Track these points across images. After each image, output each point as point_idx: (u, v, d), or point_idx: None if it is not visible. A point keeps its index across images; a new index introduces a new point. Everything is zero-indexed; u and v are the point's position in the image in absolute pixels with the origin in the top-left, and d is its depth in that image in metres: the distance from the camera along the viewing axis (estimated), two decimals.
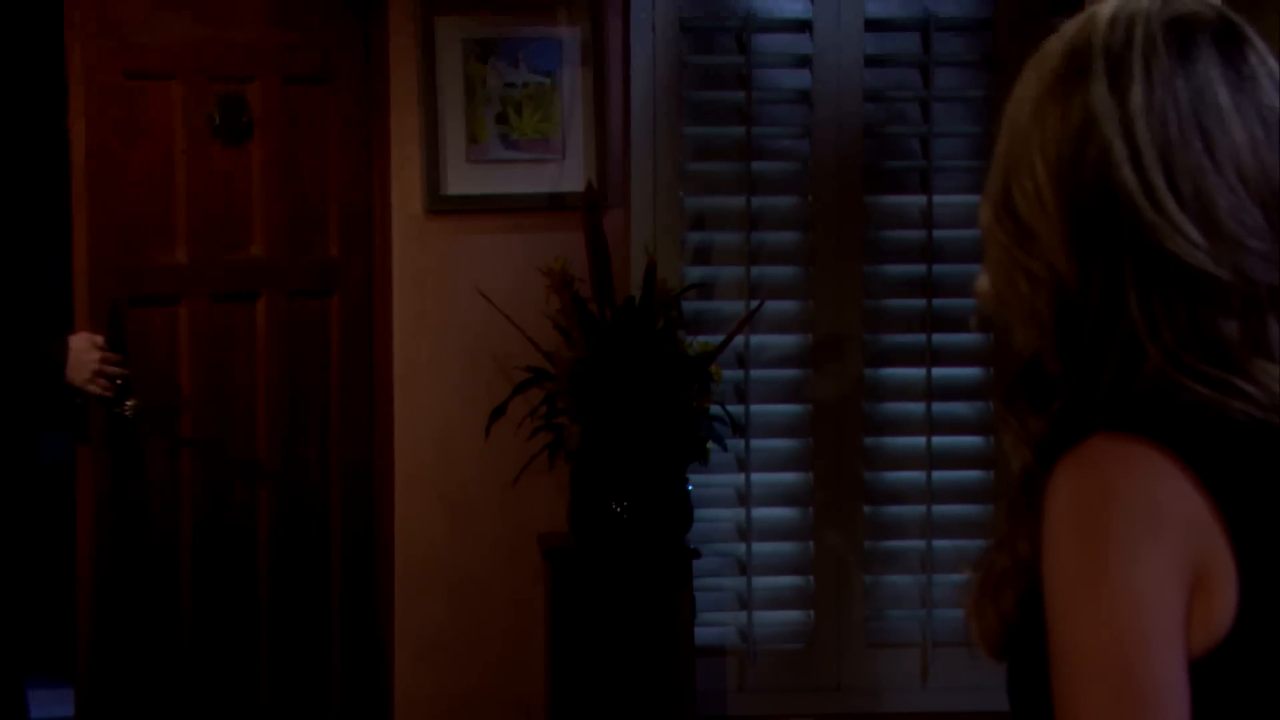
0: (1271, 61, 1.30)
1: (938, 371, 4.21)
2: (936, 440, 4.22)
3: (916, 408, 4.21)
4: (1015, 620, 1.28)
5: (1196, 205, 1.25)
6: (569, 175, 4.05)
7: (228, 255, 4.08)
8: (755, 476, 4.18)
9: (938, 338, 4.21)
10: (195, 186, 4.04)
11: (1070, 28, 1.32)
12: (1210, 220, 1.24)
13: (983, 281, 1.32)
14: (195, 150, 4.03)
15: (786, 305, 4.18)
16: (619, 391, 3.82)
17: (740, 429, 4.10)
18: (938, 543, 4.22)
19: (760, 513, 4.19)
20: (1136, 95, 1.26)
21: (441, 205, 4.09)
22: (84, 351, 3.74)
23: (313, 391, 4.16)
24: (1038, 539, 1.24)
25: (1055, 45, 1.32)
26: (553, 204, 4.08)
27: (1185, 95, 1.26)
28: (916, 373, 4.21)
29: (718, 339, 4.00)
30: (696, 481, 4.05)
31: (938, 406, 4.21)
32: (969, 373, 4.27)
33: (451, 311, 4.08)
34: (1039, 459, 1.27)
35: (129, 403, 3.79)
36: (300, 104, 4.11)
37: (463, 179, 4.06)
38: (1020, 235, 1.28)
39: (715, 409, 3.99)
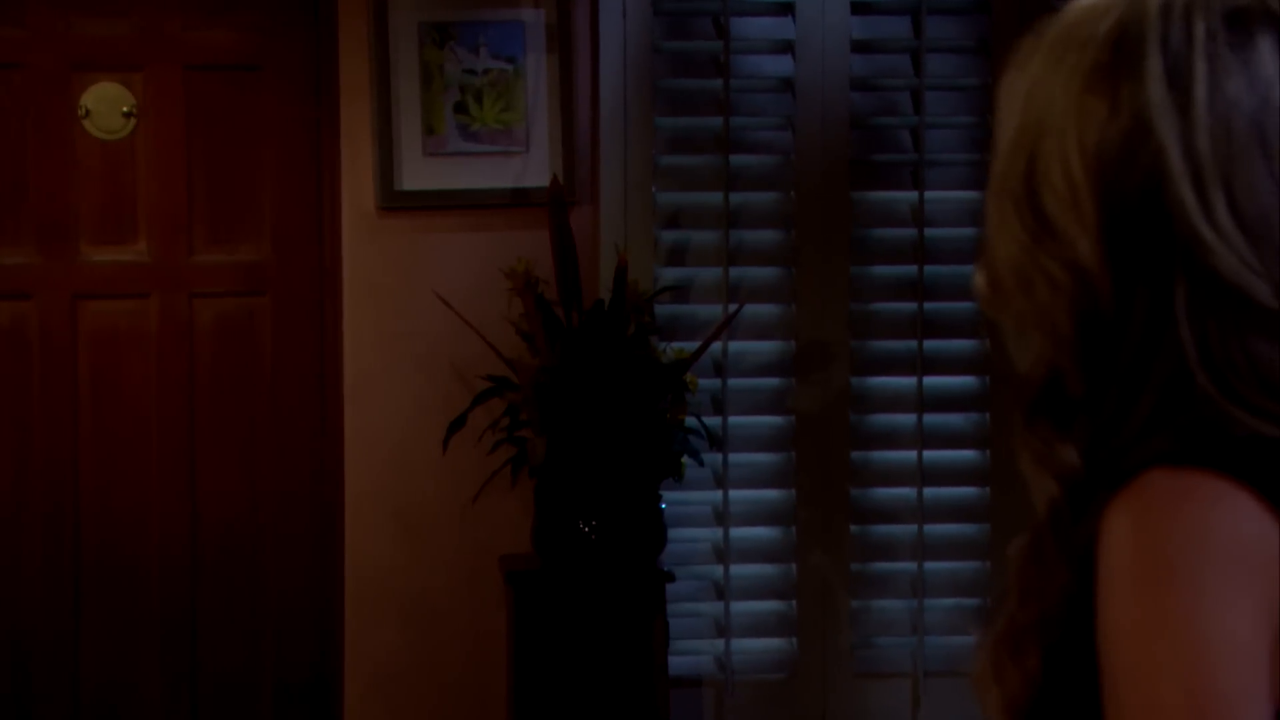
0: None
1: (930, 381, 4.16)
2: (928, 455, 4.16)
3: (907, 419, 4.16)
4: (1041, 683, 1.20)
5: (1260, 229, 1.17)
6: (533, 169, 4.00)
7: (96, 252, 4.08)
8: (734, 494, 4.13)
9: (930, 344, 4.15)
10: (45, 181, 4.05)
11: (1108, 8, 1.21)
12: (1273, 245, 1.17)
13: (982, 281, 1.25)
14: (53, 142, 4.04)
15: (767, 309, 4.13)
16: (587, 402, 3.78)
17: (717, 442, 4.06)
18: (930, 565, 4.17)
19: (739, 533, 4.14)
20: (1200, 101, 1.18)
21: (396, 202, 4.02)
22: None
23: (237, 401, 4.14)
24: (1069, 588, 1.18)
25: (1093, 28, 1.21)
26: (516, 200, 4.02)
27: (1250, 103, 1.18)
28: (907, 382, 4.16)
29: (694, 345, 3.95)
30: (670, 499, 4.01)
31: (930, 418, 4.15)
32: (964, 382, 4.22)
33: (406, 316, 4.04)
34: (1070, 495, 1.20)
35: None
36: (214, 93, 4.10)
37: (418, 173, 4.00)
38: (1043, 233, 1.21)
39: (691, 421, 3.96)
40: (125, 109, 4.08)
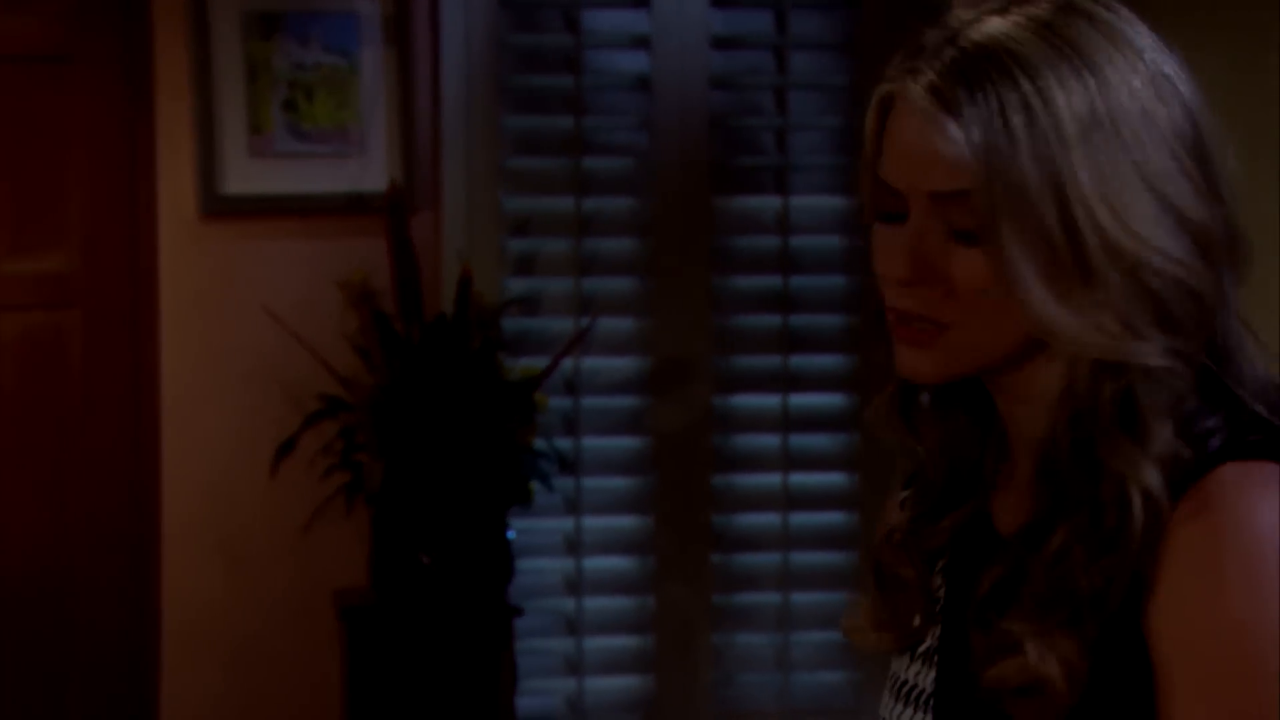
0: None
1: (795, 399, 4.13)
2: (794, 478, 4.14)
3: (772, 440, 4.14)
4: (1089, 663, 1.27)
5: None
6: (370, 172, 3.96)
7: None
8: (587, 521, 4.09)
9: (795, 360, 4.14)
10: None
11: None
12: None
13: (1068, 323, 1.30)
14: None
15: (623, 323, 4.11)
16: (428, 423, 3.74)
17: (569, 466, 4.04)
18: (796, 596, 4.15)
19: (592, 563, 4.10)
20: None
21: (219, 206, 3.96)
22: None
23: (41, 423, 4.04)
24: (1125, 575, 1.26)
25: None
26: (350, 206, 3.96)
27: None
28: (772, 400, 4.13)
29: (544, 362, 3.91)
30: (519, 527, 3.96)
31: (796, 439, 4.14)
32: (831, 400, 4.21)
33: (231, 331, 3.98)
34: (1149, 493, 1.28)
35: None
36: (15, 86, 4.01)
37: (244, 176, 3.95)
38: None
39: (540, 443, 3.92)
40: None
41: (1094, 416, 1.29)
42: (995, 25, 1.29)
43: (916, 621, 1.40)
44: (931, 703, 1.38)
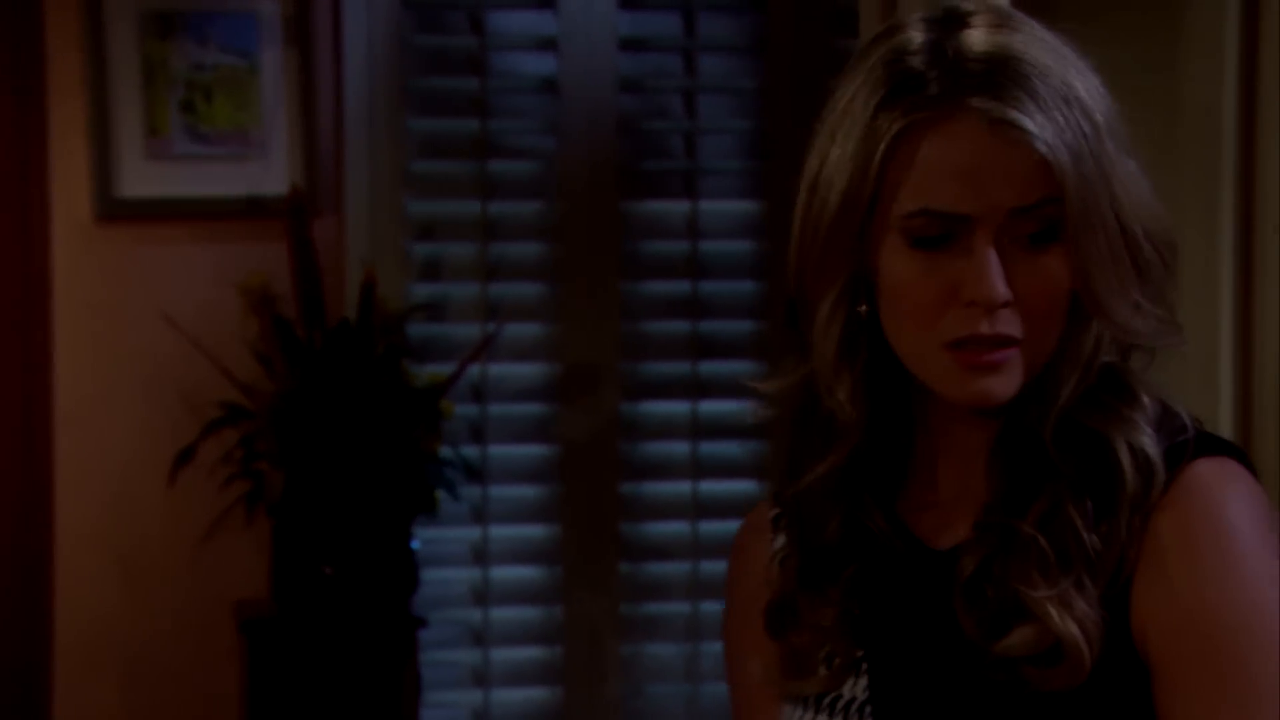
0: None
1: (705, 406, 4.13)
2: (704, 486, 4.14)
3: (681, 448, 4.14)
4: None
5: None
6: (271, 175, 3.93)
7: None
8: (493, 530, 4.08)
9: (704, 366, 4.13)
10: None
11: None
12: None
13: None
14: None
15: (530, 329, 4.10)
16: (330, 431, 3.72)
17: (476, 474, 4.02)
18: (705, 605, 4.13)
19: (499, 573, 4.09)
20: None
21: (115, 210, 3.93)
22: None
23: None
24: (1121, 535, 1.31)
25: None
26: (251, 210, 3.93)
27: None
28: (680, 407, 4.14)
29: (449, 368, 3.90)
30: (424, 537, 3.93)
31: (705, 446, 4.14)
32: (742, 407, 4.09)
33: (128, 337, 3.95)
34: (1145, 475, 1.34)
35: None
36: None
37: (141, 179, 3.92)
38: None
39: (446, 451, 3.91)
40: None
41: (1089, 390, 1.33)
42: (1004, 38, 1.31)
43: (827, 656, 1.39)
44: (869, 709, 1.37)
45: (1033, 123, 1.26)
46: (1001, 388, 1.30)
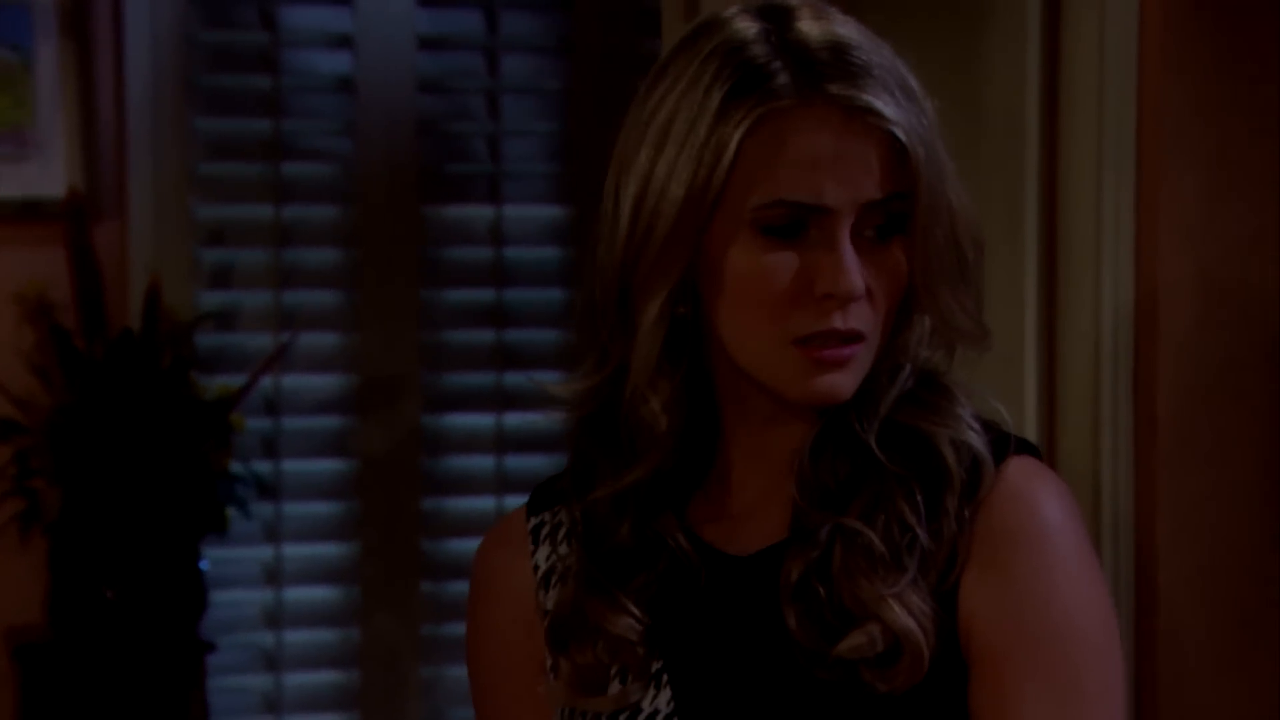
0: None
1: (510, 418, 4.16)
2: (509, 502, 4.13)
3: (485, 462, 4.16)
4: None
5: None
6: (47, 176, 3.87)
7: None
8: (287, 549, 4.06)
9: (510, 377, 4.14)
10: None
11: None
12: None
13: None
14: None
15: (325, 338, 4.08)
16: (112, 446, 3.66)
17: (268, 491, 4.00)
18: None
19: (293, 594, 4.06)
20: None
21: None
22: None
23: None
24: (952, 529, 1.32)
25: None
26: (26, 213, 3.87)
27: None
28: (485, 420, 4.15)
29: (240, 380, 3.87)
30: (213, 557, 3.90)
31: (511, 460, 4.16)
32: (547, 419, 3.98)
33: None
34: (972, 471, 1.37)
35: None
36: None
37: None
38: None
39: (237, 467, 3.88)
40: None
41: (909, 391, 1.34)
42: (838, 28, 1.30)
43: (620, 670, 1.35)
44: None
45: (890, 111, 1.27)
46: (846, 385, 1.30)
